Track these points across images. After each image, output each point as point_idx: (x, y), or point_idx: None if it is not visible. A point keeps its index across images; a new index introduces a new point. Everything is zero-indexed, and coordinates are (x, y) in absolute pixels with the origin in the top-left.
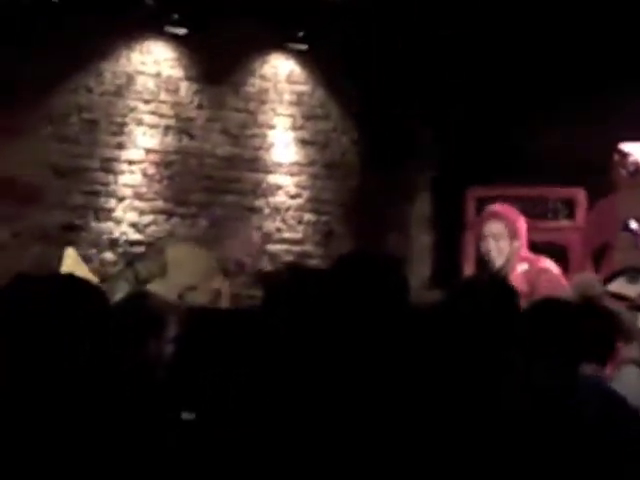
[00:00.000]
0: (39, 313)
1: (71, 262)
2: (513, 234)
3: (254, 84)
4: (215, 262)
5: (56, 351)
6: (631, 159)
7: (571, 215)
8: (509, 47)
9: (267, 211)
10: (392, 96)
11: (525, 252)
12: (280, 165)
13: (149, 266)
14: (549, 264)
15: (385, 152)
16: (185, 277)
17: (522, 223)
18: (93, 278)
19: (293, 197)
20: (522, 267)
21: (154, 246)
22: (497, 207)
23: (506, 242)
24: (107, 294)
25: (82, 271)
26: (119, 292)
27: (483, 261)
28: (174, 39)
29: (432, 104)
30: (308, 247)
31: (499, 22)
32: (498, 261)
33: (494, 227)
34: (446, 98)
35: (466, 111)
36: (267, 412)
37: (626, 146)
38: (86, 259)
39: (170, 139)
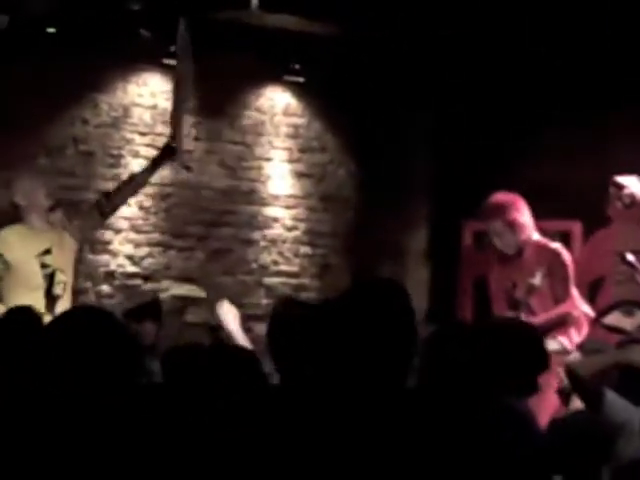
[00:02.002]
0: None
1: None
2: (512, 227)
3: (250, 117)
4: None
5: None
6: (626, 191)
7: (567, 247)
8: (512, 86)
9: (263, 244)
10: (389, 128)
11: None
12: (276, 198)
13: None
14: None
15: (382, 185)
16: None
17: (520, 214)
18: None
19: (289, 229)
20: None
21: None
22: (490, 205)
23: (509, 236)
24: None
25: None
26: None
27: (479, 293)
28: (171, 71)
29: (430, 137)
30: (304, 280)
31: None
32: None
33: (492, 226)
34: (444, 130)
35: (464, 144)
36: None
37: (621, 178)
38: (82, 292)
39: (167, 172)
